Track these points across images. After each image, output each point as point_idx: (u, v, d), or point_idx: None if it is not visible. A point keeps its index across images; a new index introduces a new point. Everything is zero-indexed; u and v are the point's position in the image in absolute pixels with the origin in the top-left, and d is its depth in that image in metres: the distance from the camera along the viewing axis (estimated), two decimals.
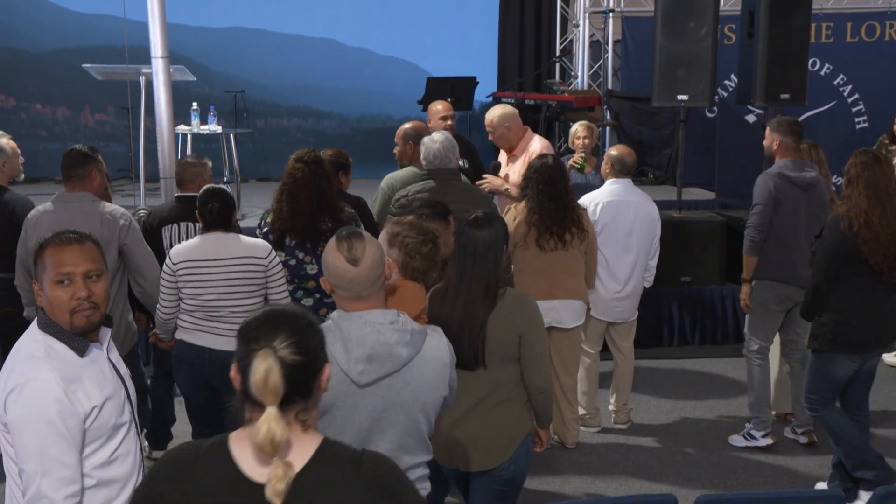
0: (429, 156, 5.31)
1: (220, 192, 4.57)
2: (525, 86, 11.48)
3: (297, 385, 1.98)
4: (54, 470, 2.54)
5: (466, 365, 3.54)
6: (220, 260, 4.43)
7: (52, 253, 2.67)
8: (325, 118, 12.19)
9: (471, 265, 3.61)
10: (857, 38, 10.34)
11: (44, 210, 4.91)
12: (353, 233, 2.86)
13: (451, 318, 3.55)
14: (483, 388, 3.63)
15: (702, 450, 5.79)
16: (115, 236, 4.75)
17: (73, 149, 4.98)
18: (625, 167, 5.84)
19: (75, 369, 2.65)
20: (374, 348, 2.78)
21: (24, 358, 2.64)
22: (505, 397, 3.67)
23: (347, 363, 2.77)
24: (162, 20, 7.06)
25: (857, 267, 4.73)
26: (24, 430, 2.55)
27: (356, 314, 2.81)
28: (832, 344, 4.85)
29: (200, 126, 8.77)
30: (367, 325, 2.79)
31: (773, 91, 7.62)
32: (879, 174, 4.69)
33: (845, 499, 3.43)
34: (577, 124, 7.30)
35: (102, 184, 4.99)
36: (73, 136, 11.16)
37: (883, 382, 7.05)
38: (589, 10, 11.26)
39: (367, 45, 12.04)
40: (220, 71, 11.61)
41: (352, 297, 2.82)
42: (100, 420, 2.65)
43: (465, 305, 3.60)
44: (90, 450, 2.65)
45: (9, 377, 2.62)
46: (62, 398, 2.57)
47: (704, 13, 7.60)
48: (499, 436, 3.66)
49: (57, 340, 2.67)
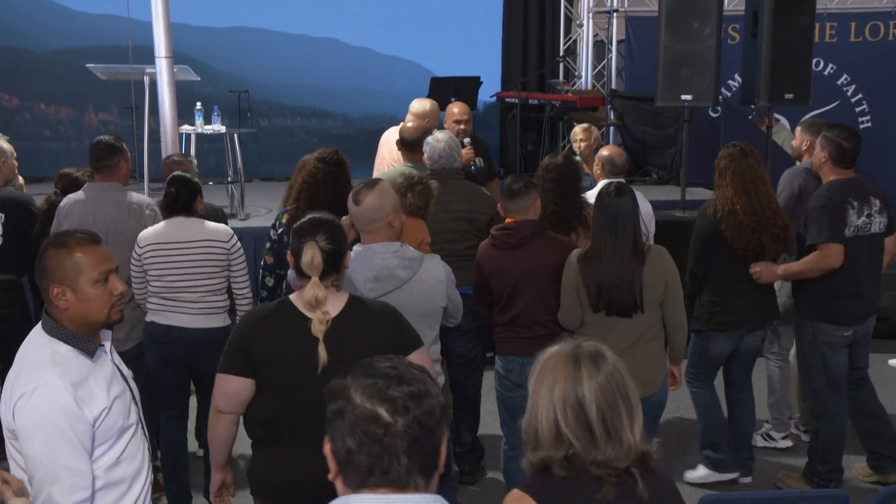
0: (433, 155, 5.31)
1: (180, 178, 4.84)
2: (529, 86, 11.47)
3: (331, 264, 3.12)
4: (64, 476, 2.53)
5: (625, 312, 4.35)
6: (183, 243, 4.71)
7: (87, 253, 2.69)
8: (329, 118, 12.19)
9: (622, 230, 4.32)
10: (860, 37, 10.32)
11: (75, 199, 5.08)
12: (368, 182, 3.80)
13: (609, 275, 4.31)
14: (638, 330, 4.40)
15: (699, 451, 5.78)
16: (140, 225, 4.97)
17: (100, 140, 5.14)
18: (615, 167, 5.83)
19: (83, 372, 2.65)
20: (379, 271, 3.72)
21: (31, 364, 2.63)
22: (653, 336, 4.46)
23: (359, 281, 3.69)
24: (166, 20, 7.07)
25: (725, 251, 5.08)
26: (34, 436, 2.55)
27: (366, 247, 3.74)
28: (708, 324, 5.21)
29: (204, 126, 8.77)
30: (374, 255, 3.72)
31: (776, 91, 7.61)
32: (745, 165, 5.03)
33: (849, 499, 3.44)
34: (577, 126, 7.32)
35: (128, 173, 5.22)
36: (76, 137, 11.17)
37: (886, 383, 7.04)
38: (593, 10, 11.25)
39: (370, 45, 12.03)
40: (224, 71, 11.61)
41: (362, 230, 3.77)
42: (108, 422, 2.65)
43: (621, 264, 4.32)
44: (99, 452, 2.65)
45: (16, 384, 2.61)
46: (71, 404, 2.57)
47: (708, 13, 7.59)
48: (652, 368, 4.45)
49: (65, 344, 2.66)
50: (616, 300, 4.35)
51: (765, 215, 5.02)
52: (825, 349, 5.14)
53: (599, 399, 2.15)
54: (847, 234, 5.01)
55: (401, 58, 12.16)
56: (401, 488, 1.80)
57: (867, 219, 5.05)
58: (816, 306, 5.13)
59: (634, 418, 2.19)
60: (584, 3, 11.41)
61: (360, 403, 1.79)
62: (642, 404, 3.66)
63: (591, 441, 2.14)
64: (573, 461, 2.13)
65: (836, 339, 5.13)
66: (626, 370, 2.23)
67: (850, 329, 5.14)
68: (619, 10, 11.04)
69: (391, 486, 1.80)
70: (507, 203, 4.61)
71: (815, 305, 5.14)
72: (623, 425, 2.16)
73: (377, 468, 1.79)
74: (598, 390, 2.15)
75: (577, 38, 11.69)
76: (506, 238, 4.60)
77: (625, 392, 2.18)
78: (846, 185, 5.07)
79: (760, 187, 5.05)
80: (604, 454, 2.13)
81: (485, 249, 4.70)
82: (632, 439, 2.16)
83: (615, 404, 2.16)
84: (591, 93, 10.94)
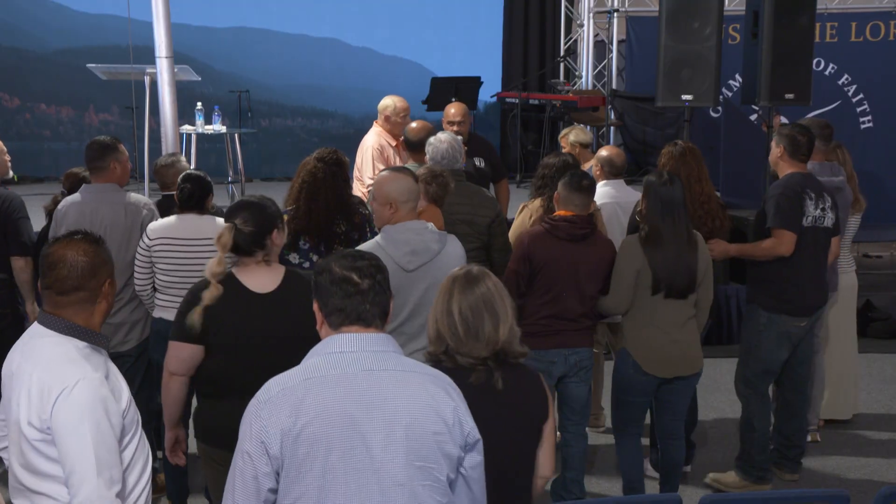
0: (436, 156, 5.29)
1: (195, 176, 4.85)
2: (529, 86, 11.47)
3: (253, 242, 3.51)
4: (104, 470, 2.54)
5: (681, 294, 4.61)
6: (194, 240, 4.68)
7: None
8: (329, 118, 12.19)
9: (677, 215, 4.59)
10: (861, 37, 10.31)
11: (72, 201, 5.08)
12: (403, 167, 4.37)
13: (671, 259, 4.55)
14: (689, 310, 4.69)
15: (706, 450, 5.79)
16: (137, 224, 4.98)
17: (93, 141, 5.13)
18: (614, 168, 5.82)
19: (107, 366, 2.71)
20: (416, 245, 4.03)
21: (59, 361, 2.63)
22: (693, 314, 4.73)
23: (399, 256, 3.96)
24: (166, 20, 7.07)
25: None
26: (76, 431, 2.55)
27: (401, 225, 4.04)
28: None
29: (205, 126, 8.78)
30: (409, 231, 4.05)
31: (777, 91, 7.61)
32: (682, 163, 5.17)
33: (849, 498, 3.44)
34: (565, 129, 7.34)
35: (125, 173, 5.18)
36: (77, 137, 11.17)
37: (890, 383, 7.05)
38: (593, 11, 11.25)
39: (371, 45, 12.04)
40: (225, 71, 11.61)
41: (408, 209, 4.07)
42: (131, 413, 2.70)
43: (677, 251, 4.57)
44: (122, 445, 2.67)
45: (51, 382, 2.59)
46: (109, 396, 2.61)
47: (709, 13, 7.58)
48: (698, 344, 4.77)
49: (81, 341, 2.69)
50: (677, 283, 4.58)
51: (696, 214, 5.08)
52: (776, 340, 5.18)
53: (465, 309, 2.95)
54: (805, 223, 5.11)
55: (402, 58, 12.16)
56: (367, 326, 2.57)
57: (822, 212, 5.16)
58: (775, 297, 5.17)
59: (499, 323, 2.96)
60: (584, 4, 11.41)
61: (338, 271, 2.59)
62: (690, 380, 4.82)
63: (458, 339, 2.95)
64: (450, 354, 2.97)
65: (792, 329, 5.19)
66: (503, 291, 3.03)
67: (804, 320, 5.21)
68: (619, 11, 11.04)
69: (361, 324, 2.56)
70: (573, 196, 4.64)
71: (774, 297, 5.18)
72: (484, 327, 2.94)
73: (352, 312, 2.55)
74: (465, 303, 2.95)
75: (578, 38, 11.70)
76: (572, 229, 4.63)
77: (491, 304, 2.96)
78: (804, 177, 5.18)
79: (695, 186, 5.13)
80: (466, 347, 2.96)
81: (540, 239, 4.69)
82: (493, 336, 2.95)
83: (479, 312, 2.95)
84: (592, 93, 10.94)
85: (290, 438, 2.39)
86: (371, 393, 2.44)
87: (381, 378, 2.46)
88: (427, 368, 2.62)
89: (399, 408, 2.44)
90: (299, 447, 2.40)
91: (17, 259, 5.27)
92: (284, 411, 2.41)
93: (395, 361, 2.52)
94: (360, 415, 2.41)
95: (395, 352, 2.56)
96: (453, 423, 2.49)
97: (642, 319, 4.66)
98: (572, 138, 7.03)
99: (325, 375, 2.45)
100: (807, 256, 5.14)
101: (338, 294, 2.55)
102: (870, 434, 6.15)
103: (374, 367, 2.48)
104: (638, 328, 4.68)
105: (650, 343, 4.64)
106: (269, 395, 2.45)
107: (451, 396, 2.52)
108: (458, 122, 6.45)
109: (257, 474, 2.42)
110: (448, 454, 2.48)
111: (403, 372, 2.51)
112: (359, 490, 2.40)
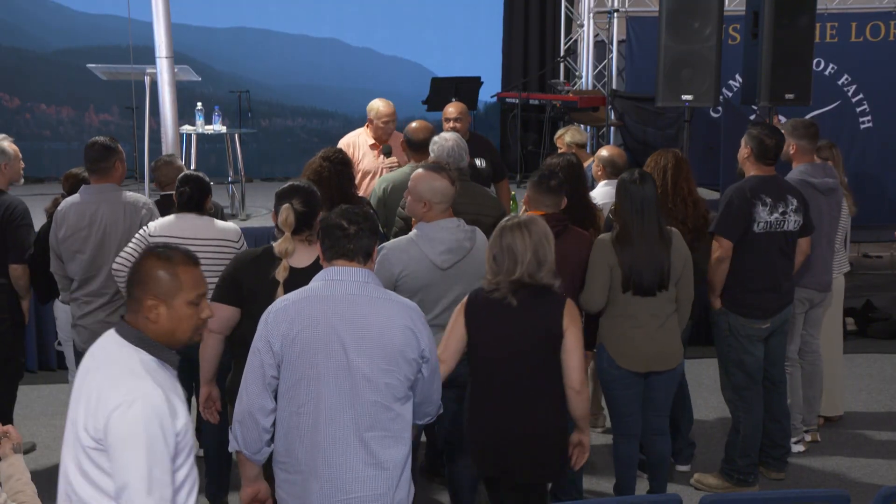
0: (442, 154, 5.28)
1: (194, 178, 4.93)
2: (529, 86, 11.47)
3: (303, 222, 3.88)
4: (155, 489, 2.51)
5: (651, 291, 4.63)
6: (195, 240, 4.67)
7: (189, 273, 2.70)
8: (330, 118, 12.19)
9: (647, 214, 4.62)
10: (861, 37, 10.30)
11: (71, 202, 5.10)
12: (438, 166, 4.50)
13: (641, 257, 4.59)
14: (666, 306, 4.71)
15: (706, 450, 5.79)
16: (136, 223, 5.01)
17: (94, 141, 5.14)
18: (616, 168, 5.82)
19: (169, 383, 2.65)
20: (451, 244, 4.27)
21: (122, 373, 2.59)
22: (672, 310, 4.75)
23: (434, 255, 4.24)
24: (166, 20, 7.08)
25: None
26: (133, 447, 2.51)
27: (435, 223, 4.27)
28: None
29: (205, 126, 8.77)
30: (443, 230, 4.27)
31: (777, 91, 7.61)
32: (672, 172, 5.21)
33: (849, 499, 3.44)
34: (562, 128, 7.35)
35: (124, 173, 5.25)
36: (77, 137, 11.17)
37: (890, 383, 7.04)
38: (593, 11, 11.24)
39: (371, 45, 12.04)
40: (225, 71, 11.62)
41: (441, 210, 4.27)
42: (187, 437, 2.64)
43: (649, 248, 4.60)
44: (174, 466, 2.61)
45: (110, 393, 2.56)
46: (167, 414, 2.56)
47: (709, 13, 7.59)
48: (676, 341, 4.79)
49: (149, 354, 2.65)
50: (646, 280, 4.62)
51: (686, 212, 5.16)
52: (743, 342, 5.19)
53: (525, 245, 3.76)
54: (756, 229, 5.09)
55: (402, 58, 12.17)
56: (350, 260, 3.24)
57: (781, 216, 5.12)
58: (730, 301, 5.19)
59: (543, 262, 3.78)
60: (584, 4, 11.40)
61: (334, 219, 3.27)
62: (669, 374, 4.82)
63: (504, 270, 3.76)
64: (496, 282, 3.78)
65: (752, 331, 5.19)
66: (551, 238, 3.86)
67: (766, 322, 5.20)
68: (619, 11, 11.03)
69: (345, 259, 3.24)
70: (542, 197, 4.64)
71: (729, 300, 5.19)
72: (525, 263, 3.76)
73: (340, 249, 3.23)
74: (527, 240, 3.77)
75: (578, 38, 11.69)
76: None
77: (541, 245, 3.80)
78: (763, 181, 5.15)
79: (682, 184, 5.20)
80: (503, 276, 3.77)
81: None
82: (522, 270, 3.76)
83: (538, 248, 3.78)
84: (592, 93, 10.93)
85: (288, 340, 3.15)
86: (351, 311, 3.16)
87: (359, 301, 3.19)
88: (399, 298, 3.32)
89: (371, 324, 3.15)
90: (294, 347, 3.14)
91: (16, 267, 5.32)
92: (286, 320, 3.16)
93: (373, 289, 3.24)
94: (341, 327, 3.14)
95: (374, 283, 3.26)
96: (412, 338, 3.20)
97: (617, 316, 4.70)
98: (568, 139, 7.03)
99: (318, 295, 3.21)
100: (762, 262, 5.13)
101: (331, 236, 3.25)
102: (870, 434, 6.15)
103: (355, 293, 3.20)
104: (613, 324, 4.72)
105: (623, 338, 4.68)
106: (277, 307, 3.22)
107: (412, 320, 3.23)
108: (455, 118, 6.46)
109: (263, 364, 3.17)
110: (408, 360, 3.20)
111: (378, 298, 3.22)
112: (336, 382, 3.13)
